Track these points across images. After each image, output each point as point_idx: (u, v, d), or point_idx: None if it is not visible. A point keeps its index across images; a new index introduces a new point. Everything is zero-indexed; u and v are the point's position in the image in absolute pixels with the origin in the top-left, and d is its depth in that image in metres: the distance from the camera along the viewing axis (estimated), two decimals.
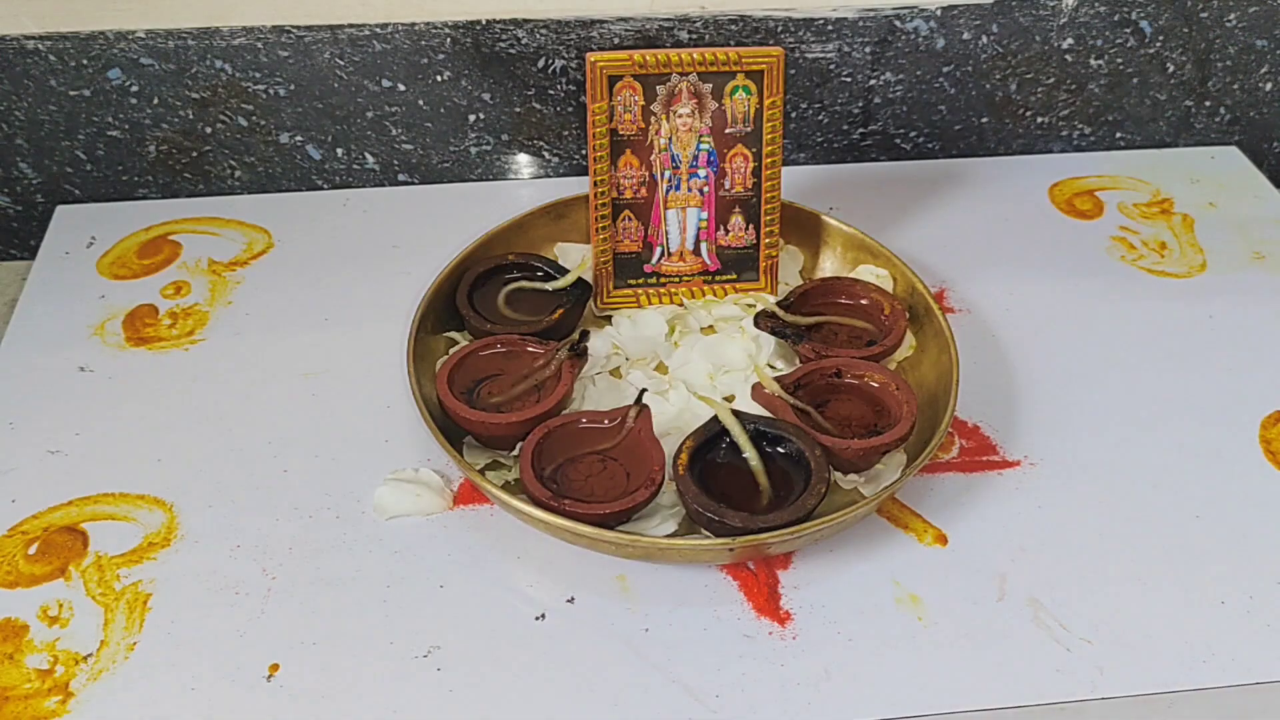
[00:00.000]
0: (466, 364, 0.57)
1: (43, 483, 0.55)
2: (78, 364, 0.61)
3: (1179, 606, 0.51)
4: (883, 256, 0.65)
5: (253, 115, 0.71)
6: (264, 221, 0.71)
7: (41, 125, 0.70)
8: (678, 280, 0.63)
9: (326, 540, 0.53)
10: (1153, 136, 0.80)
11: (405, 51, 0.69)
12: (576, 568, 0.52)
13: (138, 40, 0.67)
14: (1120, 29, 0.74)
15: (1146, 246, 0.71)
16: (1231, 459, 0.58)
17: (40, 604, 0.50)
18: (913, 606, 0.51)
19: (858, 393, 0.57)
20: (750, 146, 0.61)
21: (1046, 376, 0.62)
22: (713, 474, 0.53)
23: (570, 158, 0.75)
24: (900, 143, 0.78)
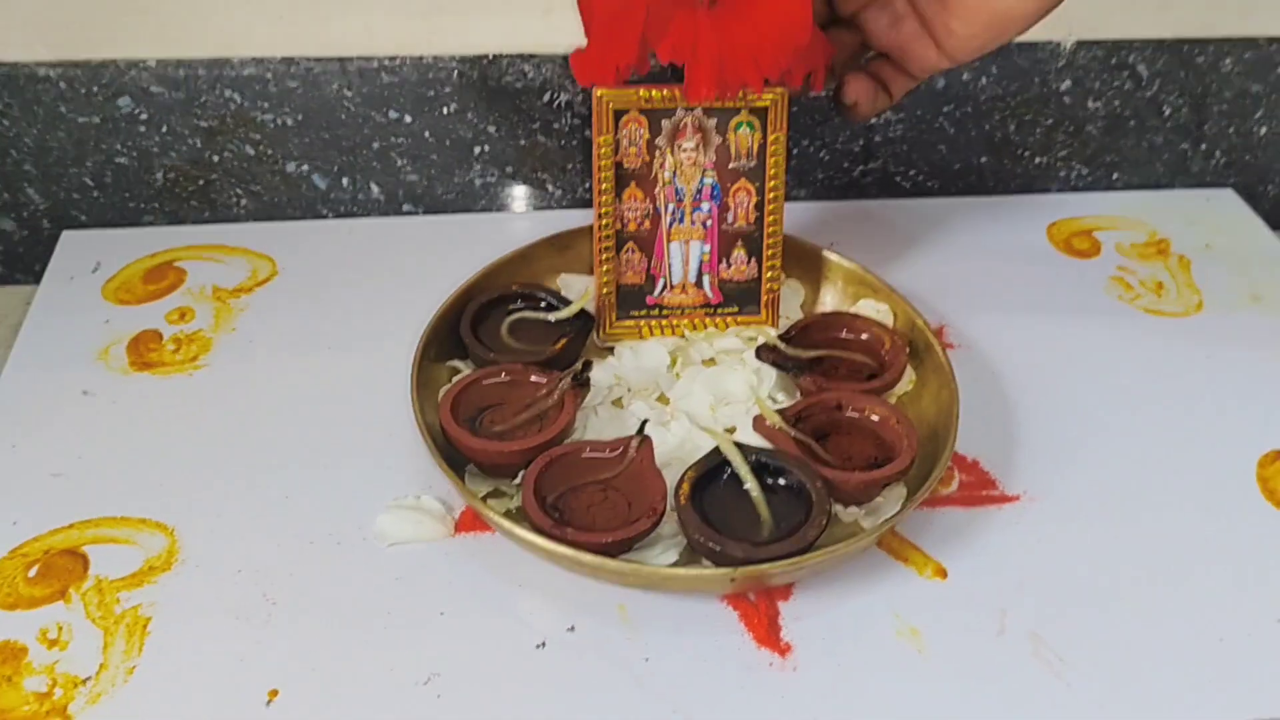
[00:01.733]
0: (469, 392, 0.58)
1: (44, 505, 0.55)
2: (81, 388, 0.62)
3: (1178, 642, 0.51)
4: (883, 292, 0.65)
5: (260, 144, 0.72)
6: (269, 249, 0.72)
7: (50, 151, 0.70)
8: (680, 312, 0.64)
9: (327, 566, 0.53)
10: (1149, 178, 0.81)
11: (412, 84, 0.70)
12: (577, 596, 0.52)
13: (149, 69, 0.68)
14: (1118, 72, 0.75)
15: (1144, 286, 0.72)
16: (1229, 497, 0.58)
17: (40, 626, 0.50)
18: (912, 639, 0.51)
19: (858, 426, 0.58)
20: (753, 181, 0.61)
21: (1045, 413, 0.62)
22: (714, 504, 0.53)
23: (573, 190, 0.76)
24: (900, 180, 0.79)
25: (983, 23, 0.52)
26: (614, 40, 0.53)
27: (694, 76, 0.53)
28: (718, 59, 0.53)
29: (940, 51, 0.55)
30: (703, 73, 0.53)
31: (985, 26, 0.53)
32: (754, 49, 0.53)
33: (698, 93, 0.53)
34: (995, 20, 0.52)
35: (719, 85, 0.53)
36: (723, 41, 0.53)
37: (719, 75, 0.53)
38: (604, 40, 0.53)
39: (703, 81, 0.53)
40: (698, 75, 0.53)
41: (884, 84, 0.59)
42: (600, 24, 0.54)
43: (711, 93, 0.53)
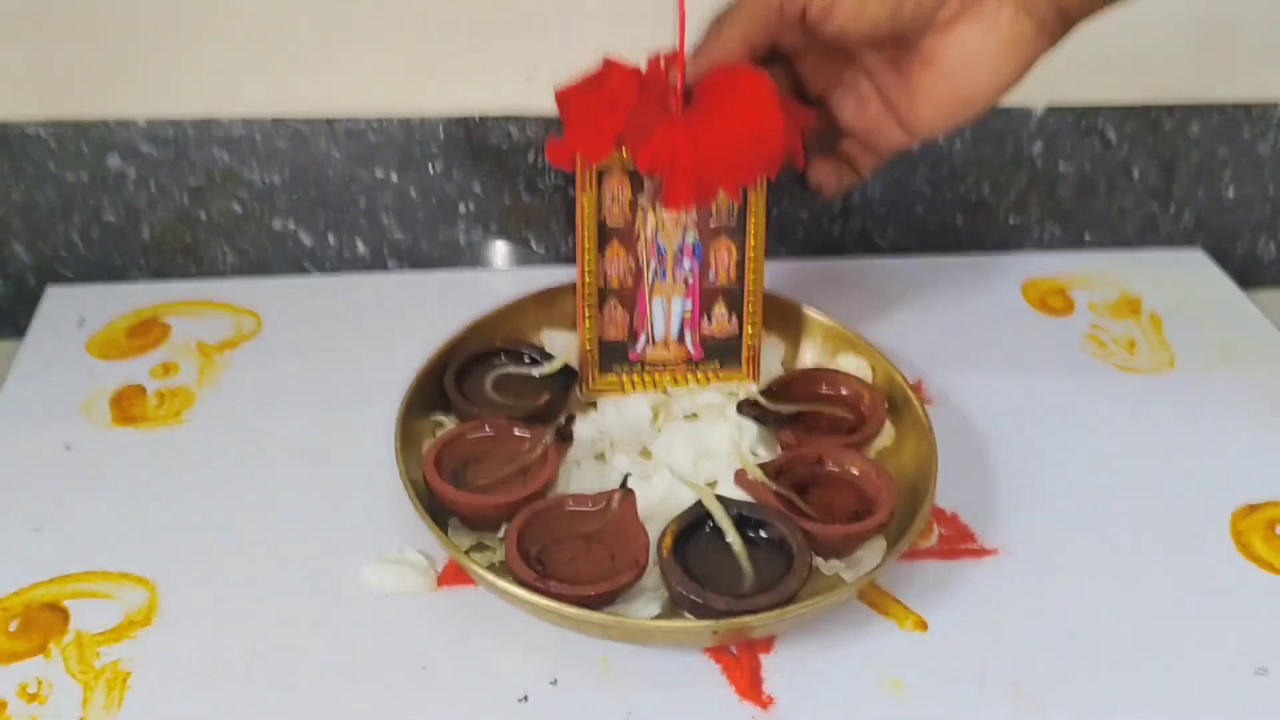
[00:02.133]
0: (453, 446, 0.58)
1: (25, 559, 0.55)
2: (64, 442, 0.62)
3: (1157, 695, 0.51)
4: (862, 348, 0.66)
5: (248, 202, 0.73)
6: (254, 305, 0.72)
7: (38, 207, 0.71)
8: (662, 368, 0.64)
9: (309, 620, 0.53)
10: (1120, 238, 0.83)
11: (400, 144, 0.72)
12: (560, 650, 0.52)
13: (138, 128, 0.69)
14: (1087, 136, 0.77)
15: (1116, 344, 0.73)
16: (1205, 551, 0.59)
17: (19, 681, 0.50)
18: (894, 691, 0.51)
19: (839, 480, 0.58)
20: (734, 239, 0.62)
21: (1023, 467, 0.63)
22: (696, 557, 0.53)
23: (557, 248, 0.77)
24: (878, 239, 0.80)
25: (947, 103, 0.54)
26: (591, 138, 0.55)
27: (672, 186, 0.55)
28: (695, 169, 0.54)
29: (905, 131, 0.57)
30: (681, 183, 0.55)
31: (949, 106, 0.54)
32: (730, 159, 0.55)
33: (676, 202, 0.55)
34: (959, 100, 0.54)
35: (697, 195, 0.55)
36: (699, 151, 0.54)
37: (697, 185, 0.55)
38: (580, 136, 0.55)
39: (681, 192, 0.55)
40: (676, 186, 0.55)
41: (851, 162, 0.61)
42: (577, 120, 0.55)
43: (690, 203, 0.55)
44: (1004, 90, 0.54)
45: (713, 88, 0.56)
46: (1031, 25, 0.52)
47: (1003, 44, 0.52)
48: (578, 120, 0.56)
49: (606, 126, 0.55)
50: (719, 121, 0.55)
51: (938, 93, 0.54)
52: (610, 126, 0.54)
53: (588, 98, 0.57)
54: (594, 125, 0.55)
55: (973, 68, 0.53)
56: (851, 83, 0.58)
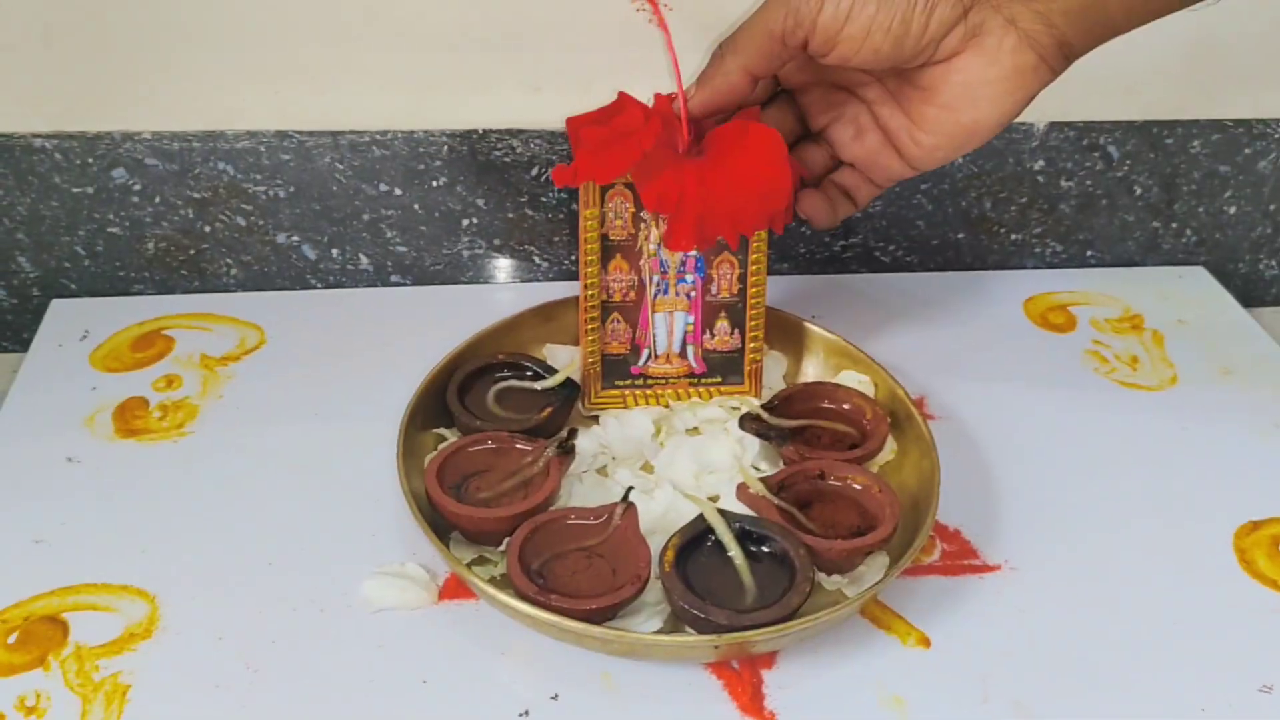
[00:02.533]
0: (455, 460, 0.58)
1: (25, 572, 0.55)
2: (66, 454, 0.62)
3: (1161, 712, 0.51)
4: (864, 363, 0.66)
5: (251, 215, 0.73)
6: (257, 319, 0.73)
7: (43, 221, 0.71)
8: (664, 382, 0.65)
9: (310, 633, 0.53)
10: (1122, 255, 0.83)
11: (403, 158, 0.72)
12: (561, 664, 0.52)
13: (144, 141, 0.69)
14: (1089, 153, 0.78)
15: (1119, 360, 0.73)
16: (1207, 567, 0.59)
17: (18, 694, 0.49)
18: (896, 708, 0.51)
19: (841, 495, 0.58)
20: (736, 254, 0.63)
21: (1025, 483, 0.63)
22: (698, 572, 0.53)
23: (560, 263, 0.77)
24: (879, 255, 0.80)
25: (948, 135, 0.55)
26: (600, 169, 0.55)
27: (675, 229, 0.55)
28: (700, 215, 0.55)
29: (904, 162, 0.57)
30: (684, 227, 0.55)
31: (950, 138, 0.55)
32: (734, 210, 0.56)
33: (677, 244, 0.56)
34: (961, 132, 0.54)
35: (698, 239, 0.56)
36: (706, 198, 0.55)
37: (699, 230, 0.56)
38: (590, 167, 0.55)
39: (683, 235, 0.55)
40: (679, 229, 0.55)
41: (849, 193, 0.61)
42: (587, 151, 0.56)
43: (690, 246, 0.56)
44: (1005, 122, 0.54)
45: (724, 137, 0.56)
46: (1034, 57, 0.52)
47: (1005, 77, 0.52)
48: (588, 151, 0.56)
49: (616, 162, 0.55)
50: (728, 170, 0.56)
51: (939, 125, 0.54)
52: (621, 163, 0.55)
53: (599, 129, 0.57)
54: (605, 160, 0.55)
55: (974, 99, 0.53)
56: (852, 116, 0.59)
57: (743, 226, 0.56)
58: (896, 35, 0.51)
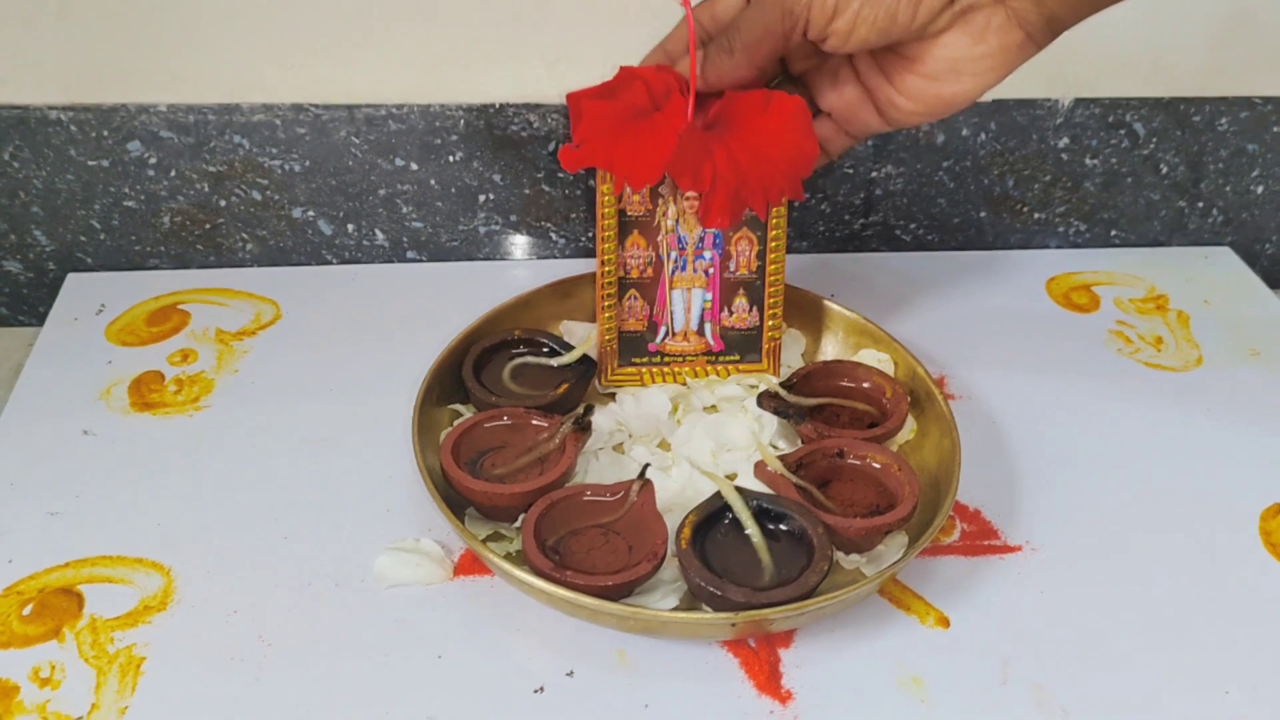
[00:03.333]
0: (471, 436, 0.58)
1: (41, 544, 0.55)
2: (81, 428, 0.62)
3: (1183, 695, 0.50)
4: (884, 342, 0.66)
5: (267, 190, 0.72)
6: (273, 294, 0.72)
7: (59, 194, 0.71)
8: (681, 360, 0.64)
9: (325, 608, 0.53)
10: (1147, 235, 0.82)
11: (419, 132, 0.71)
12: (576, 641, 0.52)
13: (159, 114, 0.69)
14: (1114, 130, 0.76)
15: (1143, 340, 0.72)
16: (1232, 550, 0.58)
17: (32, 665, 0.49)
18: (915, 689, 0.50)
19: (860, 473, 0.57)
20: (754, 230, 0.62)
21: (1047, 464, 0.62)
22: (715, 549, 0.53)
23: (577, 239, 0.77)
24: (900, 234, 0.80)
25: (927, 103, 0.54)
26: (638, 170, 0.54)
27: (713, 206, 0.54)
28: (734, 189, 0.54)
29: (881, 119, 0.57)
30: (721, 203, 0.54)
31: (929, 106, 0.55)
32: (765, 181, 0.55)
33: (715, 221, 0.55)
34: (939, 101, 0.54)
35: (733, 214, 0.55)
36: (737, 171, 0.54)
37: (734, 205, 0.55)
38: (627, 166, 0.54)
39: (720, 211, 0.54)
40: (716, 205, 0.54)
41: (822, 143, 0.60)
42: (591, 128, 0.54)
43: (727, 223, 0.55)
44: (985, 93, 0.54)
45: (746, 107, 0.55)
46: (1020, 35, 0.51)
47: (990, 54, 0.52)
48: (593, 128, 0.55)
49: (655, 155, 0.53)
50: (755, 142, 0.55)
51: (920, 93, 0.54)
52: (660, 154, 0.53)
53: (604, 105, 0.56)
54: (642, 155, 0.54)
55: (958, 74, 0.52)
56: (833, 67, 0.58)
57: (772, 195, 0.56)
58: (883, 28, 0.51)
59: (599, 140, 0.54)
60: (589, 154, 0.54)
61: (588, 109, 0.55)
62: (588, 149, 0.54)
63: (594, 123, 0.55)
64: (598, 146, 0.54)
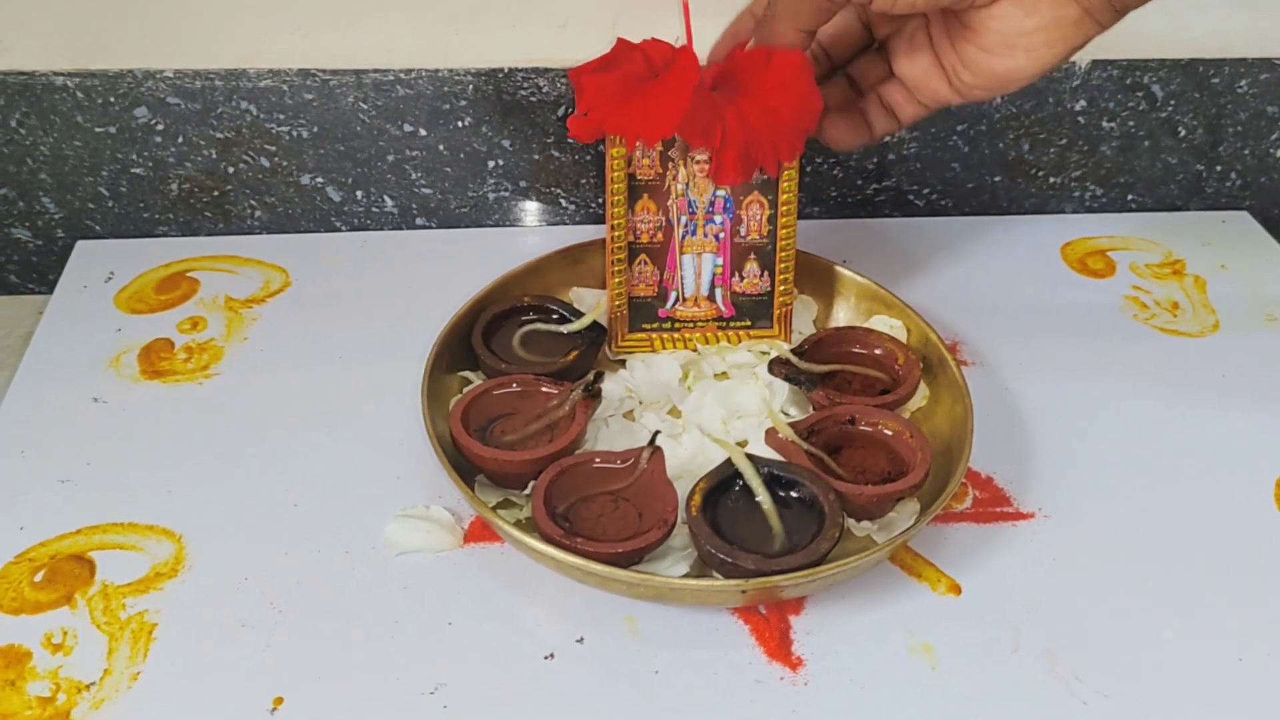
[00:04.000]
0: (480, 402, 0.57)
1: (52, 511, 0.55)
2: (92, 395, 0.62)
3: (1196, 661, 0.50)
4: (896, 308, 0.65)
5: (275, 156, 0.72)
6: (282, 261, 0.72)
7: (66, 161, 0.71)
8: (692, 325, 0.63)
9: (335, 575, 0.53)
10: (1164, 199, 0.81)
11: (428, 97, 0.70)
12: (586, 608, 0.52)
13: (165, 79, 0.68)
14: (1132, 92, 0.75)
15: (1159, 306, 0.71)
16: (1246, 516, 0.57)
17: (44, 631, 0.50)
18: (926, 655, 0.50)
19: (871, 440, 0.57)
20: (766, 194, 0.61)
21: (1061, 431, 0.61)
22: (725, 516, 0.52)
23: (587, 205, 0.76)
24: (913, 199, 0.79)
25: (985, 78, 0.54)
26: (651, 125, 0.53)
27: (723, 162, 0.54)
28: (744, 145, 0.54)
29: (951, 89, 0.56)
30: (731, 159, 0.54)
31: (987, 81, 0.54)
32: (774, 137, 0.55)
33: (725, 179, 0.55)
34: (996, 76, 0.54)
35: (744, 171, 0.55)
36: (746, 128, 0.54)
37: (745, 162, 0.55)
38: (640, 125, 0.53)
39: (731, 167, 0.55)
40: (727, 161, 0.54)
41: (893, 109, 0.59)
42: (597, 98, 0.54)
43: (738, 179, 0.55)
44: (1044, 72, 0.53)
45: (748, 66, 0.55)
46: (1076, 10, 0.50)
47: (1043, 28, 0.51)
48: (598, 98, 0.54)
49: (669, 107, 0.53)
50: (760, 99, 0.55)
51: (978, 66, 0.54)
52: (673, 112, 0.53)
53: (606, 76, 0.55)
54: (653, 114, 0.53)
55: (1011, 48, 0.52)
56: (910, 32, 0.57)
57: (782, 151, 0.56)
58: None
59: (606, 107, 0.54)
60: (599, 120, 0.53)
61: (588, 83, 0.55)
62: (597, 115, 0.53)
63: (598, 93, 0.54)
64: (607, 112, 0.54)
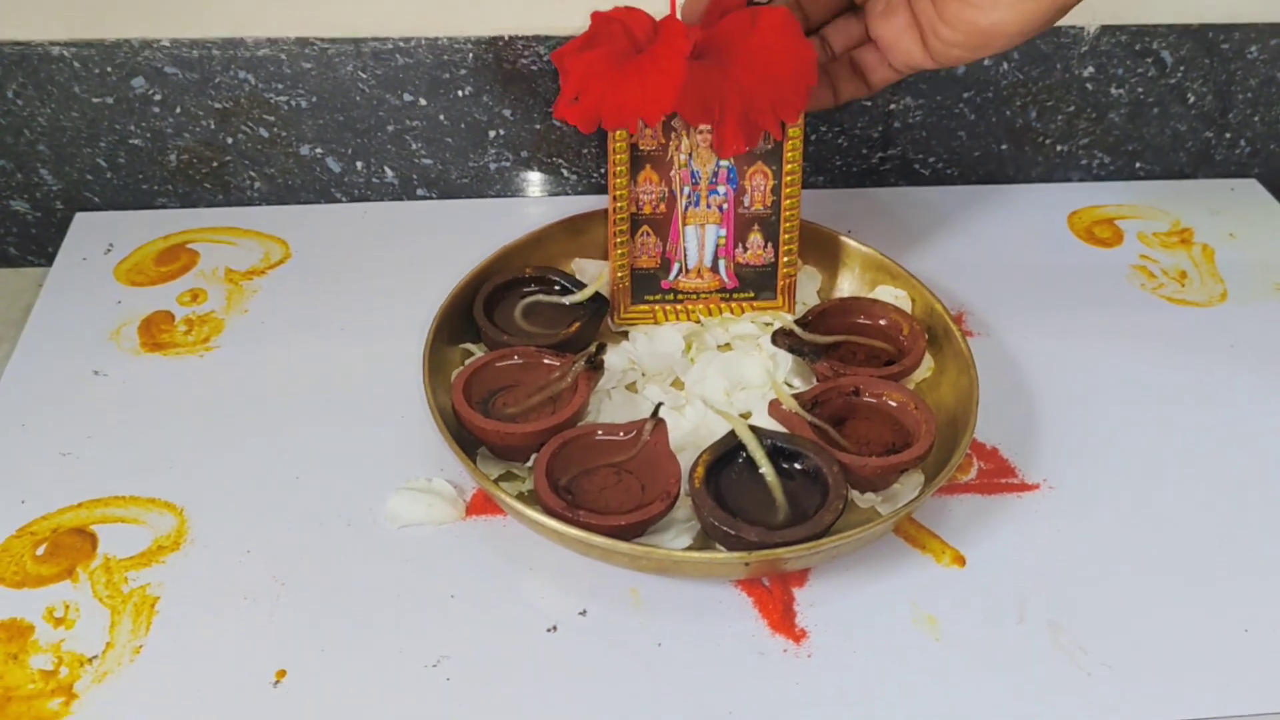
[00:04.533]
0: (482, 375, 0.57)
1: (53, 484, 0.55)
2: (92, 368, 0.61)
3: (1201, 633, 0.50)
4: (901, 278, 0.64)
5: (274, 126, 0.71)
6: (282, 232, 0.71)
7: (64, 132, 0.70)
8: (695, 297, 0.63)
9: (337, 548, 0.52)
10: (1172, 167, 0.80)
11: (427, 66, 0.70)
12: (589, 580, 0.51)
13: (162, 49, 0.68)
14: (1141, 59, 0.74)
15: (1167, 275, 0.71)
16: (1253, 487, 0.57)
17: (47, 605, 0.49)
18: (930, 627, 0.50)
19: (876, 412, 0.57)
20: (770, 165, 0.61)
21: (1066, 401, 0.61)
22: (729, 489, 0.52)
23: (589, 175, 0.75)
24: (919, 168, 0.78)
25: (966, 34, 0.53)
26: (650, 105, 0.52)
27: (724, 135, 0.54)
28: (743, 112, 0.54)
29: (925, 52, 0.55)
30: (731, 130, 0.54)
31: (968, 37, 0.53)
32: (772, 97, 0.55)
33: (729, 149, 0.54)
34: (979, 34, 0.53)
35: (745, 139, 0.54)
36: (743, 95, 0.54)
37: (746, 129, 0.54)
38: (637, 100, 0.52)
39: (732, 138, 0.54)
40: (727, 133, 0.54)
41: (864, 72, 0.58)
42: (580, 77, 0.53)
43: (742, 147, 0.54)
44: (1027, 32, 0.52)
45: (734, 29, 0.54)
46: None
47: None
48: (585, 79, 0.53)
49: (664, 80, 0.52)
50: (752, 61, 0.54)
51: (959, 20, 0.52)
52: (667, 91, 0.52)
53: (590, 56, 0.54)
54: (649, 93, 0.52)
55: (994, 2, 0.51)
56: None
57: (782, 111, 0.55)
58: None
59: (595, 88, 0.53)
60: (593, 106, 0.52)
61: (573, 65, 0.53)
62: (590, 100, 0.52)
63: (585, 73, 0.53)
64: (600, 95, 0.52)
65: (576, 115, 0.53)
